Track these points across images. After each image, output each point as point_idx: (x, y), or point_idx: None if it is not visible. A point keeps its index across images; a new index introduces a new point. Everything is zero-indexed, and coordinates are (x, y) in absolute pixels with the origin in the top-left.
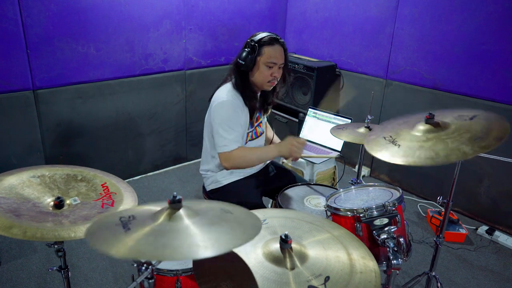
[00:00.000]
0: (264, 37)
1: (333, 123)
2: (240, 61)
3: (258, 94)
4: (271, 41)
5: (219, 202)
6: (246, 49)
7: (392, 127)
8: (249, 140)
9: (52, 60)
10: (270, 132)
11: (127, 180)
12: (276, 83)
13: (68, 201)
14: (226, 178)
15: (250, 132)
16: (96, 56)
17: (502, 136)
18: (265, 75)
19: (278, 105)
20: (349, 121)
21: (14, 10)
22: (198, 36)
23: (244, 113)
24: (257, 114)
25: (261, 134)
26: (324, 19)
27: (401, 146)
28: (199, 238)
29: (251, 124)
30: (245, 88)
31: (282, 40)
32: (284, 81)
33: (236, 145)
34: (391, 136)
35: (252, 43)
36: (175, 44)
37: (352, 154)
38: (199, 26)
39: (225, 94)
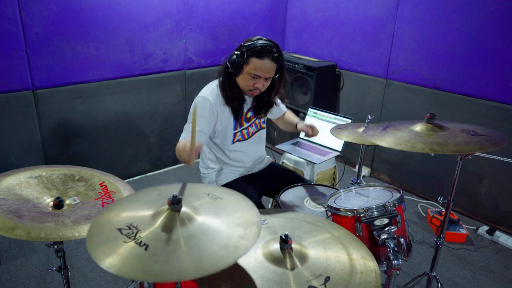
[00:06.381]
0: (256, 46)
1: (333, 123)
2: (228, 64)
3: (246, 96)
4: (261, 54)
5: (206, 186)
6: (236, 53)
7: (401, 126)
8: (238, 141)
9: (52, 60)
10: (293, 117)
11: (126, 180)
12: (258, 93)
13: (67, 201)
14: (222, 178)
15: (237, 132)
16: (95, 56)
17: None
18: (247, 83)
19: None
20: (349, 121)
21: (13, 10)
22: (198, 36)
23: (225, 113)
24: (250, 114)
25: (253, 134)
26: (324, 19)
27: (388, 133)
28: (220, 241)
29: (239, 124)
30: (230, 89)
31: (276, 54)
32: (276, 93)
33: (184, 136)
34: (389, 127)
35: (243, 49)
36: (175, 44)
37: (352, 154)
38: (199, 26)
39: (207, 91)
